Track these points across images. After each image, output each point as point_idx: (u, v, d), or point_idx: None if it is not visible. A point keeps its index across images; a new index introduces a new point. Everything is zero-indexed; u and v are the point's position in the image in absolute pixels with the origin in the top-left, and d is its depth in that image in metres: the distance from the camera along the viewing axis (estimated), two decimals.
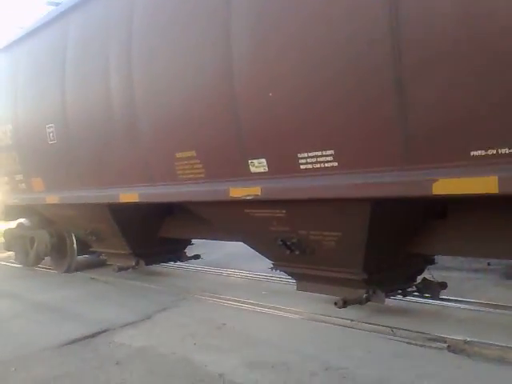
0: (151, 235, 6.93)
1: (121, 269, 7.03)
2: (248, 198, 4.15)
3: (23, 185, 7.62)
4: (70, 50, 6.05)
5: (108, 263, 7.70)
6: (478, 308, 4.65)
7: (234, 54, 3.96)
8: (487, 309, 4.61)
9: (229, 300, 5.63)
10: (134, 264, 6.95)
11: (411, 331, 4.11)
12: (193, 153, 4.61)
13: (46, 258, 8.50)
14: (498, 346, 3.64)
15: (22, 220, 8.99)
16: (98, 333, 4.68)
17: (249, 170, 4.14)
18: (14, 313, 5.74)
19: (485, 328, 4.10)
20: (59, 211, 7.26)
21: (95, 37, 5.66)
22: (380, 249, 3.94)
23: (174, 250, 7.36)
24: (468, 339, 3.77)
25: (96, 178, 6.04)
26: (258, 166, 4.06)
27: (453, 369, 3.41)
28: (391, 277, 4.33)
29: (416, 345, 3.87)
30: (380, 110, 3.12)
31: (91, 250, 7.73)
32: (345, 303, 4.18)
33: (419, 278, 4.63)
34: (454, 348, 3.70)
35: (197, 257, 7.41)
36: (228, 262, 7.98)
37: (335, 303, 4.19)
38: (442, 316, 4.58)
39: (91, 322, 5.08)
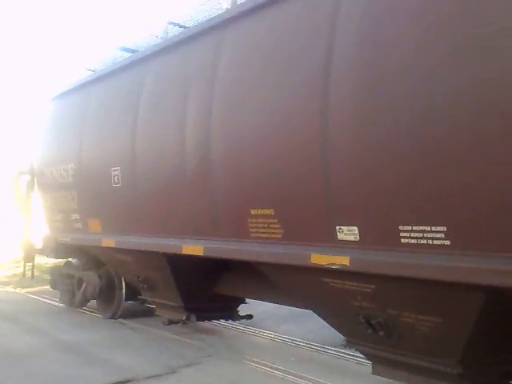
0: (205, 289, 6.57)
1: (171, 322, 6.65)
2: (333, 267, 3.75)
3: (79, 224, 7.47)
4: (144, 97, 5.96)
5: (156, 314, 7.34)
6: None
7: (330, 109, 3.68)
8: None
9: (257, 363, 5.39)
10: (184, 318, 6.57)
11: None
12: (271, 211, 4.28)
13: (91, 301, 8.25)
14: None
15: (69, 259, 8.81)
16: (122, 382, 4.60)
17: (335, 236, 3.76)
18: (39, 350, 5.82)
19: None
20: (113, 254, 7.03)
21: (173, 86, 5.55)
22: (484, 341, 3.43)
23: (227, 308, 6.95)
24: None
25: (158, 226, 5.79)
26: (348, 233, 3.68)
27: None
28: (487, 373, 3.78)
29: None
30: None
31: (140, 297, 7.41)
32: None
33: None
34: None
35: (249, 317, 6.98)
36: (257, 321, 7.48)
37: None
38: None
39: (115, 369, 5.05)
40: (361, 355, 4.59)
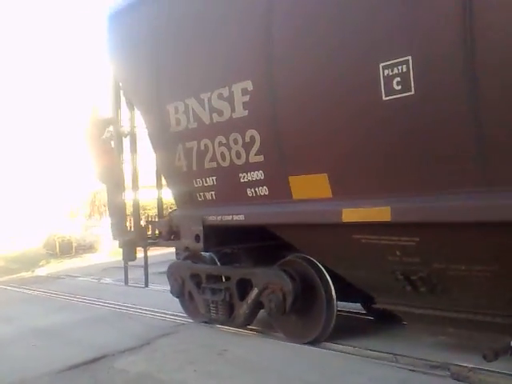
0: None
1: (497, 354, 3.52)
2: None
3: (262, 189, 4.28)
4: None
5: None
6: None
7: None
8: None
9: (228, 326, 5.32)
10: None
11: (414, 358, 3.87)
12: None
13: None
14: (503, 373, 3.42)
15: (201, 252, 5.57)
16: (98, 358, 4.51)
17: None
18: (12, 338, 5.65)
19: None
20: (348, 236, 3.83)
21: None
22: None
23: None
24: (472, 366, 3.51)
25: None
26: None
27: None
28: None
29: (419, 372, 3.67)
30: None
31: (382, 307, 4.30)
32: None
33: None
34: (457, 375, 3.48)
35: None
36: None
37: None
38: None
39: (91, 347, 4.90)
40: None
